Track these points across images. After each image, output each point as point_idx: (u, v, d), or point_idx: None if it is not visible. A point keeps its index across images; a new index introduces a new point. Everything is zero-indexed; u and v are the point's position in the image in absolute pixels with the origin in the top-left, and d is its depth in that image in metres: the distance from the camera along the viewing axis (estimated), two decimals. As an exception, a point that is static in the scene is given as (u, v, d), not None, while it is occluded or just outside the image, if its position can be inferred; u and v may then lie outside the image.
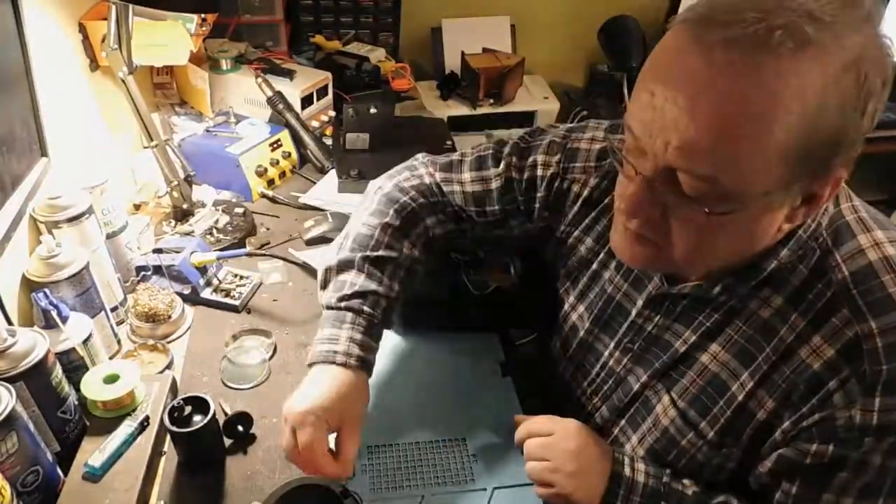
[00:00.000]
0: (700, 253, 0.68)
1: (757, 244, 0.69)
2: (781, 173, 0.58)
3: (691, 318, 0.78)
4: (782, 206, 0.63)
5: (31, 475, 0.76)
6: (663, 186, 0.62)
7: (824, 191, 0.62)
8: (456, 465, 0.89)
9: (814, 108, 0.55)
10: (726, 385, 0.75)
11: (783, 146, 0.56)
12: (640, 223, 0.67)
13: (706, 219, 0.61)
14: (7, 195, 0.93)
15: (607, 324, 0.89)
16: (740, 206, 0.60)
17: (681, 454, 0.80)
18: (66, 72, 1.18)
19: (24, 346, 0.78)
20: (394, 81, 1.93)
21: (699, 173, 0.59)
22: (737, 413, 0.74)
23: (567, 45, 2.31)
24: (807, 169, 0.59)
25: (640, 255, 0.71)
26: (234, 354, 1.03)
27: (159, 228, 1.32)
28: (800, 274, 0.70)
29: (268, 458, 0.89)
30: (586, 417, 0.92)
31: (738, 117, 0.55)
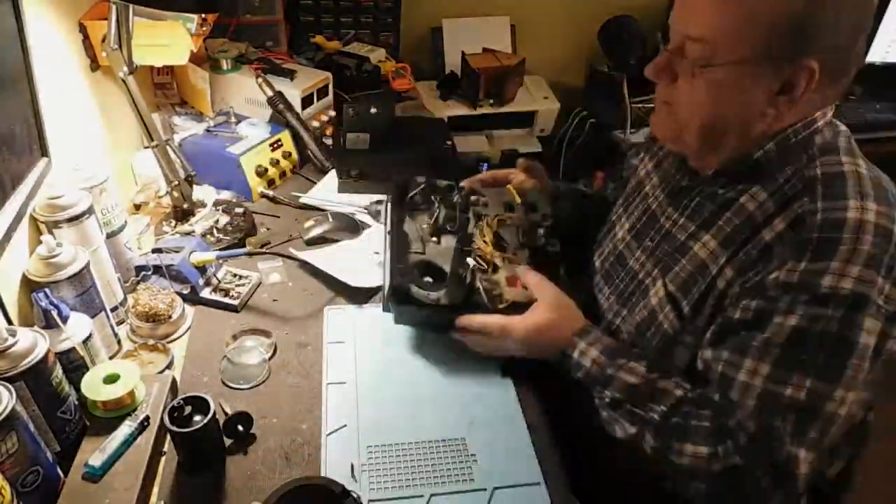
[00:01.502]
0: (693, 112, 0.83)
1: (740, 114, 0.82)
2: (755, 41, 0.75)
3: (698, 212, 0.92)
4: (758, 80, 0.78)
5: (31, 475, 0.76)
6: (677, 57, 0.82)
7: (797, 80, 0.76)
8: (456, 465, 0.89)
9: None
10: (707, 266, 0.87)
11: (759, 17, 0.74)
12: (660, 88, 0.87)
13: (699, 73, 0.79)
14: (7, 195, 0.93)
15: (640, 232, 1.03)
16: (721, 61, 0.77)
17: (657, 329, 0.92)
18: (66, 72, 1.18)
19: (24, 346, 0.78)
20: (394, 81, 1.93)
21: (697, 35, 0.78)
22: (707, 287, 0.86)
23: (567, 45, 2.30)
24: (775, 45, 0.74)
25: (662, 121, 0.90)
26: (234, 354, 1.03)
27: (159, 228, 1.32)
28: (784, 174, 0.83)
29: (268, 458, 0.89)
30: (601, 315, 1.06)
31: None
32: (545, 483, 0.88)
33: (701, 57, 0.79)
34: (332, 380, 1.01)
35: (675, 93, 0.85)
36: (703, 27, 0.78)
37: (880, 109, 2.22)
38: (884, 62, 2.28)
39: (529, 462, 0.90)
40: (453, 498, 0.85)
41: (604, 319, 1.05)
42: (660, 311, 0.92)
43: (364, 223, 1.40)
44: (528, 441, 0.93)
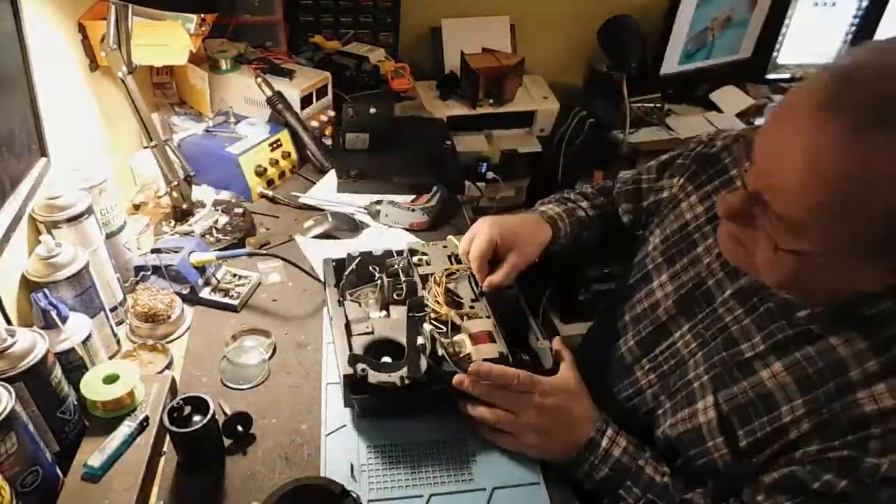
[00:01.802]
0: (776, 275, 0.70)
1: (847, 288, 0.69)
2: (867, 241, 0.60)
3: (767, 325, 0.79)
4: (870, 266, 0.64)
5: (31, 475, 0.76)
6: (758, 206, 0.67)
7: None
8: (456, 465, 0.89)
9: None
10: (776, 405, 0.75)
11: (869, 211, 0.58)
12: (733, 225, 0.73)
13: (774, 252, 0.66)
14: (6, 195, 0.93)
15: (689, 307, 0.90)
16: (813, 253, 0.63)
17: (702, 454, 0.81)
18: (65, 72, 1.18)
19: (23, 347, 0.78)
20: (393, 81, 1.92)
21: (780, 212, 0.63)
22: (775, 432, 0.74)
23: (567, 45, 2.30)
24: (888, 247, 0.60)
25: (735, 253, 0.75)
26: (233, 354, 1.03)
27: (159, 228, 1.32)
28: (891, 323, 0.69)
29: (268, 458, 0.89)
30: (638, 390, 0.95)
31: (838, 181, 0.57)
32: (545, 483, 0.88)
33: (784, 235, 0.64)
34: (332, 380, 1.01)
35: (752, 238, 0.70)
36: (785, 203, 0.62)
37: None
38: (883, 62, 2.28)
39: (529, 462, 0.90)
40: (453, 498, 0.85)
41: (642, 401, 0.93)
42: (709, 438, 0.80)
43: (363, 223, 1.40)
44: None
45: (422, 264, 1.09)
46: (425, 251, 1.12)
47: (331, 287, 1.08)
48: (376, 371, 0.89)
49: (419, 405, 0.95)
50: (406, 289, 1.05)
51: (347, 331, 0.98)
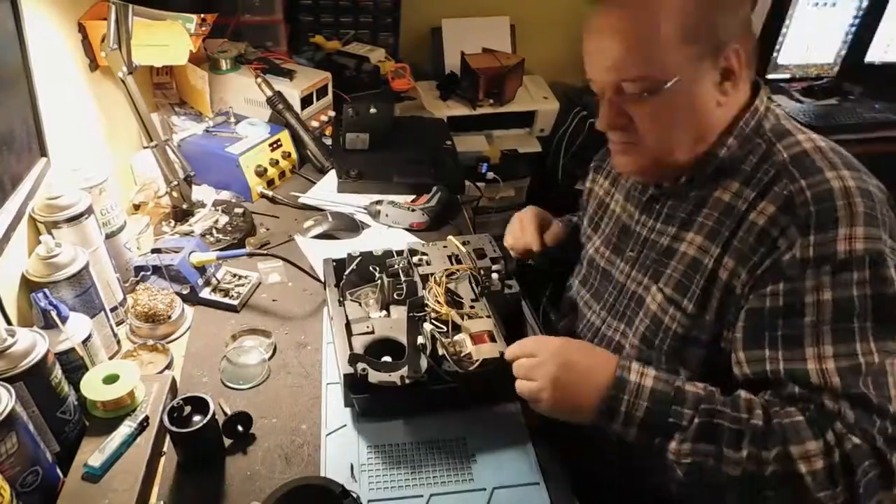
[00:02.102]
0: (665, 135, 0.88)
1: (703, 117, 0.86)
2: (682, 53, 0.81)
3: (672, 216, 0.95)
4: (703, 80, 0.83)
5: (31, 475, 0.76)
6: (619, 99, 0.87)
7: (731, 63, 0.83)
8: (456, 465, 0.89)
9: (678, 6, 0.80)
10: (700, 261, 0.89)
11: (672, 35, 0.80)
12: (619, 134, 0.91)
13: (651, 101, 0.84)
14: (7, 195, 0.93)
15: (617, 246, 1.05)
16: (666, 83, 0.82)
17: (665, 332, 0.92)
18: (65, 72, 1.18)
19: (23, 347, 0.78)
20: (393, 81, 1.93)
21: (629, 76, 0.84)
22: (709, 280, 0.87)
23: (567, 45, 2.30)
24: (699, 47, 0.81)
25: (627, 161, 0.93)
26: (233, 354, 1.03)
27: (159, 228, 1.32)
28: (750, 162, 0.88)
29: (268, 458, 0.89)
30: (595, 330, 1.06)
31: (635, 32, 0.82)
32: (545, 483, 0.88)
33: (644, 89, 0.83)
34: (332, 380, 1.01)
35: (635, 131, 0.88)
36: (628, 68, 0.83)
37: (879, 109, 2.22)
38: (883, 62, 2.28)
39: (529, 462, 0.90)
40: (453, 498, 0.85)
41: (601, 338, 1.04)
42: (663, 315, 0.92)
43: (363, 223, 1.40)
44: (528, 441, 0.93)
45: (422, 264, 1.09)
46: (425, 251, 1.12)
47: (331, 287, 1.08)
48: (376, 370, 0.89)
49: (420, 405, 0.95)
50: (406, 289, 1.05)
51: (348, 330, 0.98)
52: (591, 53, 0.88)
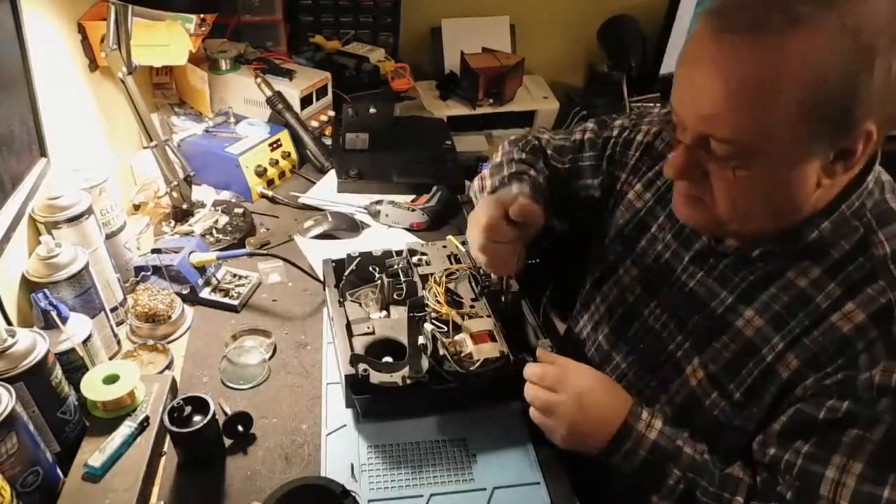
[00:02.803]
0: (738, 208, 0.74)
1: (794, 201, 0.73)
2: (795, 130, 0.65)
3: (730, 279, 0.83)
4: (810, 162, 0.68)
5: (31, 475, 0.76)
6: (699, 150, 0.72)
7: (856, 146, 0.67)
8: (456, 465, 0.89)
9: (814, 71, 0.62)
10: (757, 349, 0.78)
11: (794, 104, 0.64)
12: (685, 184, 0.78)
13: (734, 175, 0.70)
14: (7, 195, 0.93)
15: (652, 283, 0.94)
16: (761, 159, 0.68)
17: (703, 413, 0.84)
18: (65, 72, 1.18)
19: (23, 347, 0.78)
20: (393, 81, 1.92)
21: (721, 136, 0.68)
22: (763, 374, 0.77)
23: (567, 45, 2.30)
24: (823, 125, 0.65)
25: (692, 214, 0.80)
26: (233, 354, 1.03)
27: (159, 228, 1.32)
28: (840, 248, 0.74)
29: (268, 458, 0.89)
30: (621, 374, 0.97)
31: (750, 84, 0.65)
32: (545, 483, 0.88)
33: (732, 156, 0.69)
34: (333, 380, 1.01)
35: (708, 187, 0.74)
36: (726, 126, 0.67)
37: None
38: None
39: (529, 461, 0.90)
40: (453, 498, 0.85)
41: (627, 384, 0.95)
42: (704, 397, 0.83)
43: (363, 223, 1.40)
44: (528, 441, 0.93)
45: (421, 264, 1.09)
46: (425, 251, 1.12)
47: (331, 287, 1.08)
48: (378, 371, 0.89)
49: (421, 405, 0.95)
50: (406, 289, 1.05)
51: (348, 331, 0.98)
52: (684, 86, 0.71)
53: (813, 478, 0.71)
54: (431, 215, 1.39)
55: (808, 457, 0.72)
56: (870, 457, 0.68)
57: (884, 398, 0.67)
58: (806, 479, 0.71)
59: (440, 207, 1.41)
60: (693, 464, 0.79)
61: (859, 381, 0.69)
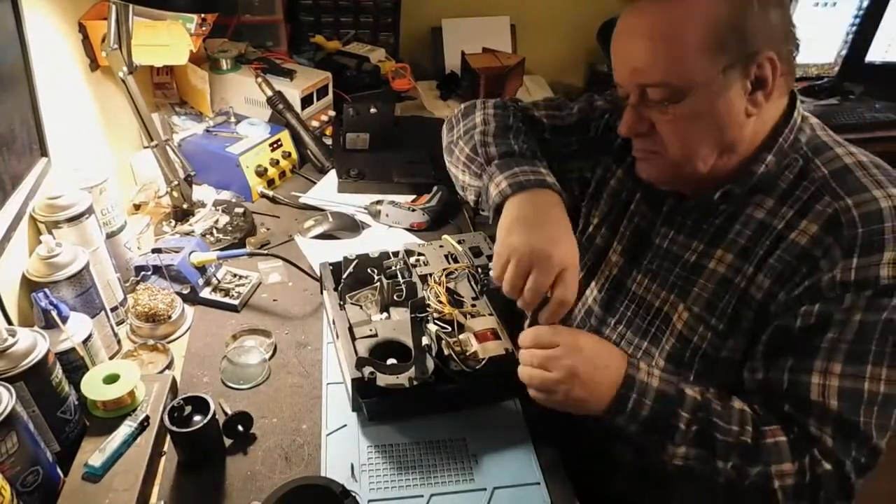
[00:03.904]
0: (686, 147, 0.82)
1: (731, 130, 0.81)
2: (707, 61, 0.76)
3: (699, 229, 0.90)
4: (731, 90, 0.78)
5: (31, 475, 0.76)
6: (641, 106, 0.83)
7: (764, 72, 0.78)
8: (456, 465, 0.89)
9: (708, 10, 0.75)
10: (731, 280, 0.85)
11: (698, 42, 0.76)
12: (640, 140, 0.87)
13: (673, 110, 0.80)
14: (7, 195, 0.93)
15: (634, 256, 0.99)
16: (689, 93, 0.78)
17: (694, 351, 0.88)
18: (65, 72, 1.18)
19: (24, 346, 0.78)
20: (394, 81, 1.93)
21: (653, 82, 0.79)
22: (740, 300, 0.84)
23: (567, 45, 2.31)
24: (727, 55, 0.76)
25: (651, 168, 0.88)
26: (234, 354, 1.03)
27: (159, 228, 1.32)
28: (786, 178, 0.84)
29: (268, 458, 0.89)
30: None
31: (660, 34, 0.77)
32: (545, 483, 0.88)
33: (666, 97, 0.79)
34: (332, 380, 1.01)
35: (658, 138, 0.84)
36: (651, 73, 0.79)
37: (880, 109, 2.22)
38: (883, 62, 2.28)
39: (529, 462, 0.90)
40: (453, 498, 0.85)
41: None
42: (692, 334, 0.89)
43: (364, 223, 1.40)
44: (528, 441, 0.93)
45: (419, 265, 1.09)
46: (422, 251, 1.12)
47: (329, 291, 1.08)
48: (383, 374, 0.89)
49: (427, 406, 0.95)
50: (406, 290, 1.05)
51: (351, 334, 0.98)
52: (617, 55, 0.84)
53: (801, 388, 0.78)
54: (432, 215, 1.39)
55: (792, 369, 0.79)
56: (846, 355, 0.76)
57: (847, 293, 0.75)
58: (796, 392, 0.78)
59: (440, 207, 1.41)
60: (698, 403, 0.80)
61: (823, 283, 0.76)
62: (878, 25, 2.21)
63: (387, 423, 0.94)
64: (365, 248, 1.13)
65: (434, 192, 1.42)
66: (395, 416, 0.95)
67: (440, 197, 1.41)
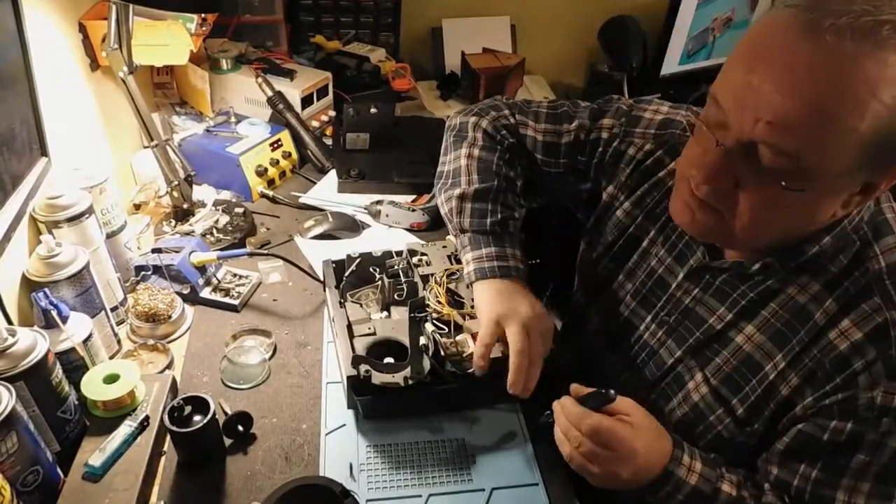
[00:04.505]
0: (760, 226, 0.70)
1: (812, 225, 0.71)
2: (855, 160, 0.61)
3: (727, 294, 0.81)
4: (843, 191, 0.66)
5: (31, 475, 0.76)
6: (742, 159, 0.65)
7: (881, 182, 0.66)
8: (455, 466, 0.89)
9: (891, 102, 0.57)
10: (760, 365, 0.78)
11: (867, 134, 0.58)
12: (710, 191, 0.70)
13: (779, 192, 0.64)
14: (7, 195, 0.93)
15: (646, 298, 0.92)
16: (815, 184, 0.63)
17: (707, 429, 0.83)
18: (66, 72, 1.18)
19: (24, 346, 0.78)
20: (394, 81, 1.93)
21: (785, 148, 0.61)
22: (766, 390, 0.77)
23: (567, 45, 2.30)
24: (877, 160, 0.62)
25: (702, 221, 0.74)
26: (234, 354, 1.03)
27: (159, 228, 1.32)
28: (838, 263, 0.73)
29: (268, 458, 0.89)
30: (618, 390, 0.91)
31: (835, 99, 0.58)
32: (543, 483, 0.88)
33: (786, 171, 0.62)
34: (332, 379, 1.01)
35: (731, 199, 0.69)
36: (792, 139, 0.60)
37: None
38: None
39: (528, 462, 0.90)
40: (451, 498, 0.85)
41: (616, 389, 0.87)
42: (709, 412, 0.82)
43: (364, 223, 1.40)
44: (527, 441, 0.93)
45: (421, 265, 1.09)
46: (425, 251, 1.12)
47: (331, 288, 1.08)
48: (379, 372, 0.89)
49: (423, 405, 0.95)
50: (407, 289, 1.05)
51: (349, 332, 0.98)
52: (748, 87, 0.62)
53: (824, 501, 0.72)
54: (432, 215, 1.39)
55: (818, 482, 0.73)
56: (876, 476, 0.70)
57: (885, 418, 0.68)
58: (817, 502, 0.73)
59: (440, 208, 1.41)
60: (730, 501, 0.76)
61: (861, 402, 0.69)
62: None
63: (382, 422, 0.94)
64: (365, 248, 1.13)
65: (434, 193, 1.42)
66: (390, 414, 0.95)
67: (440, 197, 1.41)
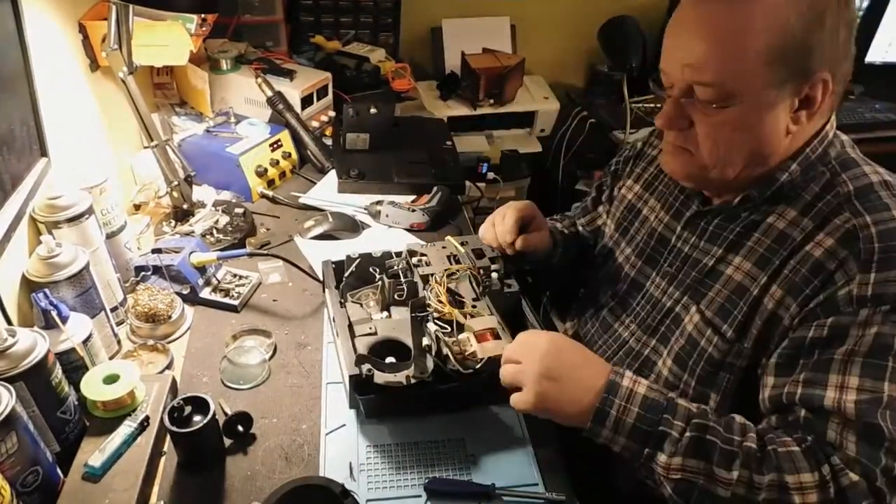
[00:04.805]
0: (719, 149, 0.83)
1: (767, 145, 0.82)
2: (766, 73, 0.76)
3: (719, 234, 0.91)
4: (779, 107, 0.79)
5: (31, 475, 0.76)
6: (685, 99, 0.82)
7: (815, 92, 0.78)
8: (454, 466, 0.89)
9: (777, 24, 0.74)
10: (746, 288, 0.86)
11: (763, 51, 0.75)
12: (675, 134, 0.87)
13: (719, 115, 0.80)
14: (7, 195, 0.93)
15: (651, 257, 1.02)
16: (739, 100, 0.78)
17: (700, 355, 0.90)
18: (66, 72, 1.18)
19: (24, 346, 0.78)
20: (394, 81, 1.93)
21: (707, 80, 0.78)
22: (752, 308, 0.84)
23: (567, 45, 2.31)
24: (787, 70, 0.76)
25: (680, 163, 0.89)
26: (234, 354, 1.03)
27: (159, 228, 1.32)
28: (811, 191, 0.84)
29: (268, 458, 0.89)
30: (622, 343, 1.04)
31: (725, 35, 0.76)
32: (543, 483, 0.88)
33: (714, 98, 0.79)
34: (332, 379, 1.01)
35: (692, 137, 0.84)
36: (706, 72, 0.78)
37: (880, 109, 2.22)
38: (883, 62, 2.28)
39: (528, 462, 0.90)
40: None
41: (628, 349, 1.03)
42: (700, 337, 0.90)
43: (364, 223, 1.40)
44: (527, 441, 0.93)
45: (421, 265, 1.09)
46: (424, 252, 1.12)
47: (331, 289, 1.08)
48: (381, 371, 0.89)
49: (425, 405, 0.95)
50: (407, 289, 1.05)
51: (350, 332, 0.98)
52: (671, 46, 0.83)
53: (816, 399, 0.75)
54: (432, 216, 1.39)
55: (806, 382, 0.76)
56: (862, 368, 0.73)
57: (864, 308, 0.74)
58: (810, 402, 0.75)
59: (440, 208, 1.41)
60: (692, 412, 0.76)
61: (839, 297, 0.76)
62: (878, 26, 2.21)
63: (384, 422, 0.94)
64: (365, 248, 1.13)
65: (434, 193, 1.42)
66: (392, 414, 0.95)
67: (440, 197, 1.41)
